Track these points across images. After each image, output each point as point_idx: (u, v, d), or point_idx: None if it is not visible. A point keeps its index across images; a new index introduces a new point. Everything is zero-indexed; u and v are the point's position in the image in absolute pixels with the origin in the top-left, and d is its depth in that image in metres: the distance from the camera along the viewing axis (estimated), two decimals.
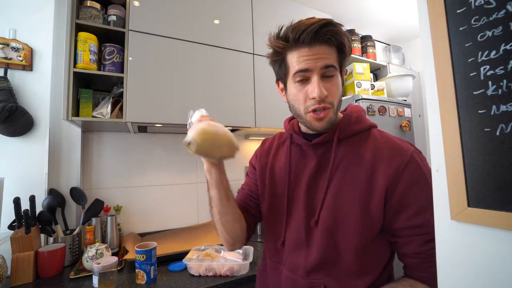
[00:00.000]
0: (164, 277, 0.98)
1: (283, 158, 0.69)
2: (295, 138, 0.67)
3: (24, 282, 0.95)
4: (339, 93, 0.59)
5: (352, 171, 0.58)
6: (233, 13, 1.39)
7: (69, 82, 1.06)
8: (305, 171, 0.63)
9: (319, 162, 0.62)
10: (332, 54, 0.57)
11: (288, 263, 0.63)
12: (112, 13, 1.20)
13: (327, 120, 0.57)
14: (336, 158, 0.60)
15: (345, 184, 0.57)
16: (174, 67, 1.22)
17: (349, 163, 0.59)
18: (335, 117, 0.59)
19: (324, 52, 0.56)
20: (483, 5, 0.32)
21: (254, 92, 1.40)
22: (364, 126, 0.62)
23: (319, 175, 0.61)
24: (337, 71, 0.58)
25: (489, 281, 0.31)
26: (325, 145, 0.62)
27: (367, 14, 2.07)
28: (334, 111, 0.58)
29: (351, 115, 0.64)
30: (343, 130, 0.61)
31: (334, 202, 0.57)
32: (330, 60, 0.56)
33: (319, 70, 0.55)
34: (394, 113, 1.75)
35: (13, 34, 1.19)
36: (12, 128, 1.13)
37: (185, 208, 1.58)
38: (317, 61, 0.55)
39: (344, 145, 0.61)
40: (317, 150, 0.63)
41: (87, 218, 1.22)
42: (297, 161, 0.66)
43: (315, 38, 0.54)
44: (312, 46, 0.55)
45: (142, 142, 1.49)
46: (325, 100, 0.56)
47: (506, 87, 0.30)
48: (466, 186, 0.33)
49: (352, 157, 0.59)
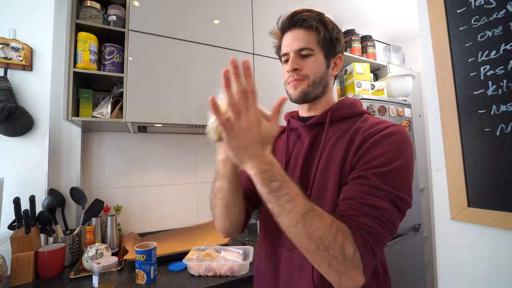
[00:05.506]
0: (164, 277, 0.98)
1: (283, 142, 0.73)
2: (292, 122, 0.72)
3: (24, 282, 0.95)
4: (316, 70, 0.64)
5: (338, 146, 0.60)
6: (233, 13, 1.39)
7: (69, 82, 1.06)
8: (301, 151, 0.66)
9: (312, 142, 0.65)
10: (308, 36, 0.64)
11: (288, 242, 0.61)
12: (112, 13, 1.20)
13: (300, 89, 0.64)
14: (327, 137, 0.64)
15: (329, 159, 0.60)
16: (174, 67, 1.22)
17: (337, 139, 0.62)
18: (310, 90, 0.65)
19: (300, 35, 0.64)
20: (483, 5, 0.32)
21: None
22: (357, 111, 0.65)
23: (313, 155, 0.64)
24: (315, 51, 0.64)
25: (490, 280, 0.31)
26: (318, 126, 0.66)
27: (367, 14, 2.07)
28: (309, 83, 0.64)
29: (345, 100, 0.68)
30: (335, 111, 0.65)
31: (321, 177, 0.59)
32: (304, 42, 0.63)
33: (294, 52, 0.64)
34: (394, 113, 1.75)
35: (13, 34, 1.19)
36: (12, 128, 1.13)
37: (185, 208, 1.58)
38: (292, 44, 0.64)
39: (335, 126, 0.64)
40: (311, 131, 0.67)
41: (87, 218, 1.22)
42: (294, 143, 0.70)
43: (291, 24, 0.65)
44: (292, 31, 0.66)
45: (142, 142, 1.49)
46: (298, 73, 0.64)
47: (506, 87, 0.30)
48: (466, 186, 0.33)
49: (339, 134, 0.62)
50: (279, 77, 1.50)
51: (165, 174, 1.53)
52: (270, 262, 0.66)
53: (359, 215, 0.48)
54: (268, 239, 0.68)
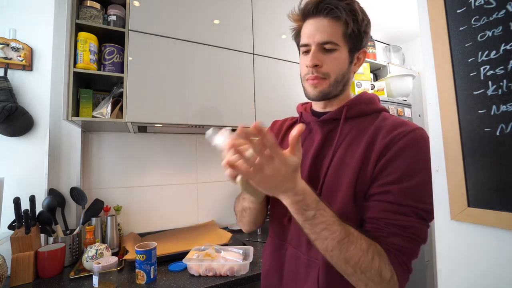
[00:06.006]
0: (164, 277, 0.98)
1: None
2: (304, 115, 0.68)
3: (24, 282, 0.95)
4: (338, 67, 0.59)
5: (354, 146, 0.57)
6: (233, 13, 1.39)
7: (69, 82, 1.06)
8: (311, 148, 0.63)
9: (325, 138, 0.62)
10: (334, 28, 0.57)
11: (295, 240, 0.61)
12: (112, 13, 1.20)
13: (320, 89, 0.59)
14: (342, 134, 0.60)
15: (345, 158, 0.56)
16: (174, 67, 1.22)
17: (353, 138, 0.58)
18: (331, 89, 0.60)
19: (325, 26, 0.57)
20: (483, 5, 0.32)
21: (254, 92, 1.40)
22: (375, 108, 0.62)
23: (325, 151, 0.61)
24: (340, 46, 0.58)
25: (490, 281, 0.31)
26: (332, 122, 0.62)
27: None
28: (329, 83, 0.59)
29: (363, 96, 0.64)
30: (351, 107, 0.61)
31: (333, 176, 0.56)
32: (328, 35, 0.57)
33: (317, 44, 0.58)
34: (394, 113, 1.75)
35: (13, 34, 1.19)
36: (12, 128, 1.13)
37: (185, 208, 1.58)
38: (315, 36, 0.57)
39: (350, 122, 0.60)
40: (324, 127, 0.63)
41: (87, 218, 1.22)
42: (304, 139, 0.66)
43: (316, 11, 0.57)
44: (316, 19, 0.58)
45: (142, 142, 1.49)
46: (319, 71, 0.58)
47: (506, 87, 0.30)
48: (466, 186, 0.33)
49: (356, 133, 0.58)
50: (279, 77, 1.51)
51: (165, 174, 1.53)
52: (275, 257, 0.66)
53: (389, 236, 0.49)
54: (275, 233, 0.68)
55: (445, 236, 0.36)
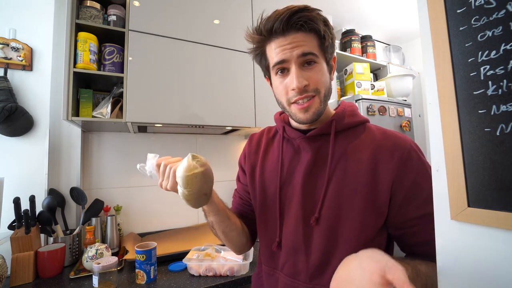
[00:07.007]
0: (164, 277, 0.98)
1: (275, 155, 0.65)
2: (288, 131, 0.63)
3: (24, 282, 0.95)
4: (324, 80, 0.55)
5: (354, 165, 0.55)
6: (233, 13, 1.39)
7: (69, 82, 1.06)
8: (300, 167, 0.59)
9: (315, 156, 0.58)
10: (310, 41, 0.53)
11: (287, 268, 0.58)
12: (112, 13, 1.20)
13: (313, 110, 0.55)
14: (335, 152, 0.57)
15: (347, 178, 0.54)
16: (174, 67, 1.22)
17: (350, 156, 0.56)
18: (322, 107, 0.56)
19: (300, 39, 0.52)
20: (483, 5, 0.32)
21: (254, 92, 1.40)
22: (359, 120, 0.61)
23: (317, 170, 0.58)
24: (319, 58, 0.54)
25: (490, 281, 0.31)
26: (320, 138, 0.59)
27: (367, 14, 2.07)
28: (320, 99, 0.55)
29: (345, 108, 0.62)
30: (339, 122, 0.58)
31: (336, 198, 0.54)
32: (307, 47, 0.53)
33: (296, 59, 0.53)
34: (394, 113, 1.75)
35: (13, 34, 1.19)
36: (12, 128, 1.13)
37: (185, 208, 1.57)
38: (293, 49, 0.52)
39: (341, 138, 0.58)
40: (312, 144, 0.59)
41: (87, 218, 1.22)
42: (290, 157, 0.62)
43: (287, 26, 0.52)
44: (287, 35, 0.53)
45: (142, 142, 1.49)
46: (308, 89, 0.53)
47: (506, 87, 0.30)
48: (466, 186, 0.33)
49: (352, 150, 0.56)
50: None
51: None
52: (266, 285, 0.64)
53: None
54: (265, 260, 0.65)
55: (445, 236, 0.36)
